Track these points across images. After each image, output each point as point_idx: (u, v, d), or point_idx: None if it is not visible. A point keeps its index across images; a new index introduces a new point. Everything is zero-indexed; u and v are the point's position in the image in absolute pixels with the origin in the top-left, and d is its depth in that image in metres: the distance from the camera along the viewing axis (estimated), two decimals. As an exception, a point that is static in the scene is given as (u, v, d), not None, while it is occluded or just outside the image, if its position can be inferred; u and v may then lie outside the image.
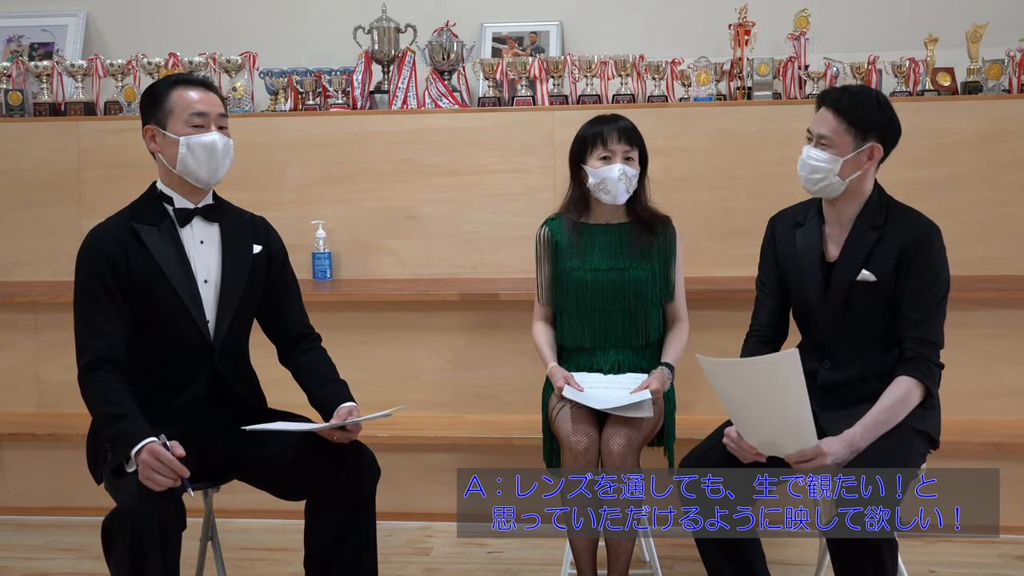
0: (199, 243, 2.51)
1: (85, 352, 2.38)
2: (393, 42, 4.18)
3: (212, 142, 2.46)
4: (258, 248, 2.59)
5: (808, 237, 2.63)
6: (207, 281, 2.50)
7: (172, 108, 2.45)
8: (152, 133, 2.48)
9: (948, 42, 4.02)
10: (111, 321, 2.39)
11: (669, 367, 2.90)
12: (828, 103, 2.53)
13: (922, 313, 2.49)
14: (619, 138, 2.87)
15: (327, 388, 2.59)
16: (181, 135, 2.44)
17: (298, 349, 2.67)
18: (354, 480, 2.45)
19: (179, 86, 2.48)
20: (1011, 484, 3.29)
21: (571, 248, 2.95)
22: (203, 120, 2.46)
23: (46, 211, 4.11)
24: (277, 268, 2.64)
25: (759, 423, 2.37)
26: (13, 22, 4.75)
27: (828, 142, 2.51)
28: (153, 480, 2.20)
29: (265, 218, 2.68)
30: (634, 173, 2.88)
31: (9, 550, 3.44)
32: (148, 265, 2.42)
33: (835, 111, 2.51)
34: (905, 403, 2.45)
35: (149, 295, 2.42)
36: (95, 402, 2.35)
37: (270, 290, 2.64)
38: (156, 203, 2.50)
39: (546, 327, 3.03)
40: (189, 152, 2.44)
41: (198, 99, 2.46)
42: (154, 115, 2.47)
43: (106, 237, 2.43)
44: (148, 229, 2.45)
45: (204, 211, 2.52)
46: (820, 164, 2.51)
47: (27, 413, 3.89)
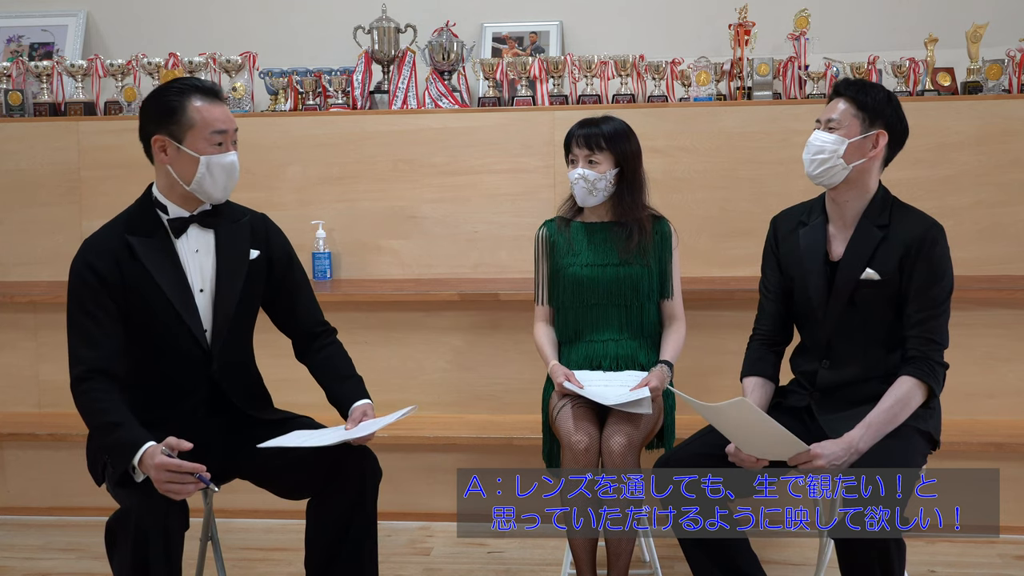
0: (194, 252, 2.48)
1: (78, 363, 2.35)
2: (393, 42, 4.18)
3: (232, 163, 2.43)
4: (255, 253, 2.55)
5: (812, 236, 2.63)
6: (203, 290, 2.48)
7: (192, 123, 2.37)
8: (163, 145, 2.40)
9: (948, 42, 4.02)
10: (104, 331, 2.36)
11: (668, 365, 2.91)
12: (840, 90, 2.57)
13: (926, 312, 2.49)
14: (579, 143, 2.95)
15: (343, 386, 2.59)
16: (203, 154, 2.38)
17: (314, 346, 2.65)
18: (355, 481, 2.44)
19: (194, 96, 2.39)
20: (1011, 484, 3.30)
21: (565, 245, 3.00)
22: (224, 138, 2.41)
23: (46, 211, 4.11)
24: (281, 269, 2.62)
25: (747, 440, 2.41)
26: (13, 22, 4.75)
27: (836, 124, 2.54)
28: (172, 491, 2.19)
29: (267, 216, 2.66)
30: (596, 177, 2.92)
31: (9, 550, 3.44)
32: (142, 277, 2.39)
33: (846, 97, 2.55)
34: (907, 404, 2.45)
35: (144, 306, 2.40)
36: (88, 412, 2.33)
37: (278, 291, 2.61)
38: (151, 212, 2.46)
39: (547, 327, 3.05)
40: (208, 172, 2.40)
41: (219, 116, 2.40)
42: (166, 126, 2.39)
43: (98, 250, 2.39)
44: (141, 240, 2.41)
45: (200, 218, 2.48)
46: (825, 144, 2.53)
47: (27, 413, 3.89)
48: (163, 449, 2.23)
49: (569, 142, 2.99)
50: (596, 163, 2.93)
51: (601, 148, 2.93)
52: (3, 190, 4.13)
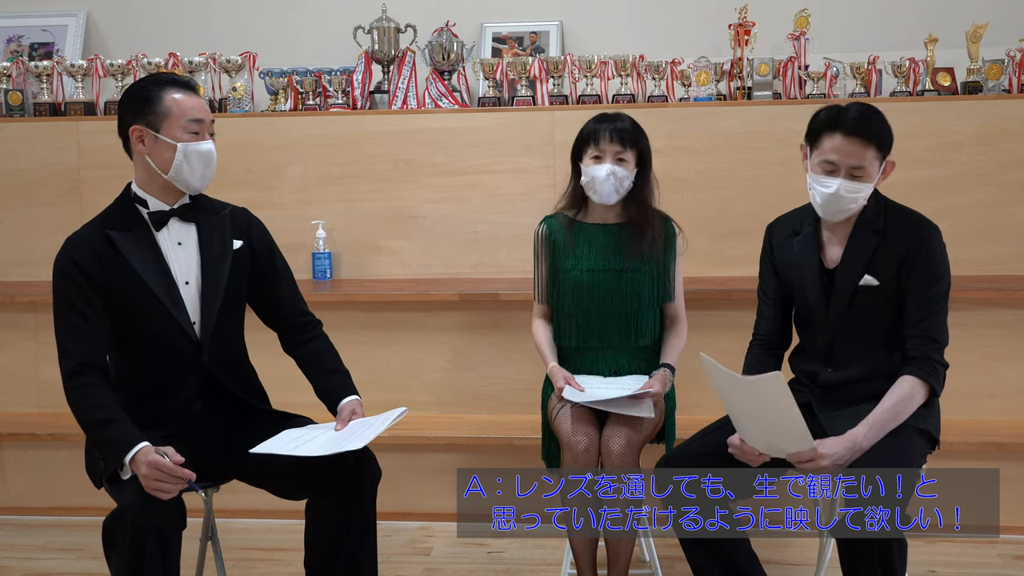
0: (177, 245, 2.48)
1: (69, 357, 2.35)
2: (393, 42, 4.18)
3: (208, 151, 2.44)
4: (238, 243, 2.56)
5: (805, 246, 2.62)
6: (188, 283, 2.48)
7: (168, 112, 2.41)
8: (140, 135, 2.43)
9: (948, 42, 4.02)
10: (91, 326, 2.36)
11: (670, 368, 2.90)
12: (854, 131, 2.43)
13: (925, 311, 2.49)
14: (611, 138, 2.84)
15: (330, 379, 2.60)
16: (179, 141, 2.41)
17: (300, 338, 2.66)
18: (354, 480, 2.44)
19: (170, 88, 2.43)
20: (1011, 484, 3.30)
21: (567, 247, 2.95)
22: (200, 127, 2.44)
23: (46, 211, 4.11)
24: (264, 260, 2.62)
25: (756, 428, 2.39)
26: (13, 22, 4.75)
27: (862, 173, 2.45)
28: (160, 490, 2.19)
29: (248, 209, 2.66)
30: (625, 174, 2.86)
31: (9, 550, 3.44)
32: (125, 272, 2.39)
33: (865, 138, 2.43)
34: (909, 402, 2.45)
35: (129, 301, 2.40)
36: (81, 408, 2.33)
37: (260, 282, 2.62)
38: (130, 207, 2.47)
39: (545, 325, 3.03)
40: (185, 160, 2.41)
41: (195, 105, 2.44)
42: (143, 116, 2.42)
43: (79, 247, 2.40)
44: (122, 235, 2.42)
45: (180, 211, 2.49)
46: (857, 195, 2.46)
47: (27, 413, 3.89)
48: (158, 449, 2.23)
49: (592, 137, 2.87)
50: (625, 160, 2.86)
51: (630, 145, 2.85)
52: (3, 190, 4.13)
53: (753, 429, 2.39)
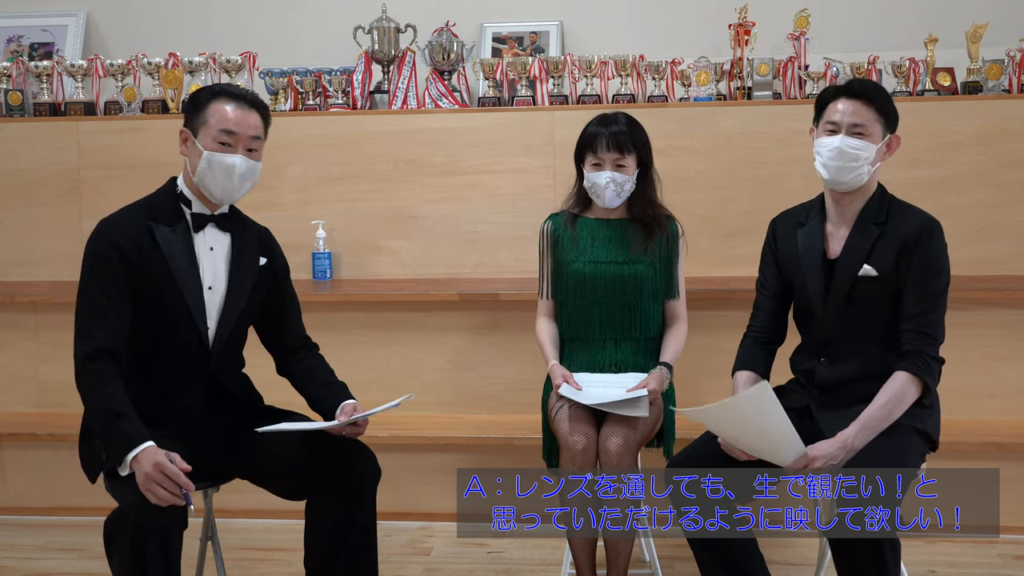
0: (209, 249, 2.50)
1: (88, 340, 2.33)
2: (393, 42, 4.18)
3: (232, 164, 2.44)
4: (263, 260, 2.59)
5: (810, 236, 2.63)
6: (211, 288, 2.49)
7: (206, 120, 2.44)
8: (185, 136, 2.48)
9: (948, 42, 4.02)
10: (117, 313, 2.36)
11: (668, 367, 2.91)
12: (856, 94, 2.53)
13: (921, 306, 2.49)
14: (608, 146, 2.86)
15: (327, 389, 2.60)
16: (207, 149, 2.43)
17: (296, 358, 2.68)
18: (354, 480, 2.45)
19: (221, 98, 2.46)
20: (1011, 484, 3.29)
21: (571, 240, 2.97)
22: (231, 139, 2.44)
23: (46, 211, 4.11)
24: (280, 281, 2.65)
25: (751, 445, 2.41)
26: (13, 22, 4.75)
27: (863, 130, 2.51)
28: (155, 493, 2.17)
29: (270, 230, 2.69)
30: (625, 179, 2.88)
31: (9, 550, 3.44)
32: (158, 265, 2.41)
33: (866, 100, 2.52)
34: (901, 399, 2.45)
35: (155, 294, 2.41)
36: (94, 395, 2.31)
37: (271, 303, 2.64)
38: (175, 203, 2.49)
39: (549, 324, 3.04)
40: (209, 168, 2.43)
41: (232, 116, 2.44)
42: (190, 120, 2.47)
43: (119, 228, 2.41)
44: (164, 229, 2.43)
45: (218, 219, 2.52)
46: (859, 152, 2.50)
47: (27, 413, 3.89)
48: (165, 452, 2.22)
49: (591, 143, 2.89)
50: (624, 166, 2.88)
51: (629, 150, 2.88)
52: (3, 190, 4.13)
53: (748, 447, 2.42)
